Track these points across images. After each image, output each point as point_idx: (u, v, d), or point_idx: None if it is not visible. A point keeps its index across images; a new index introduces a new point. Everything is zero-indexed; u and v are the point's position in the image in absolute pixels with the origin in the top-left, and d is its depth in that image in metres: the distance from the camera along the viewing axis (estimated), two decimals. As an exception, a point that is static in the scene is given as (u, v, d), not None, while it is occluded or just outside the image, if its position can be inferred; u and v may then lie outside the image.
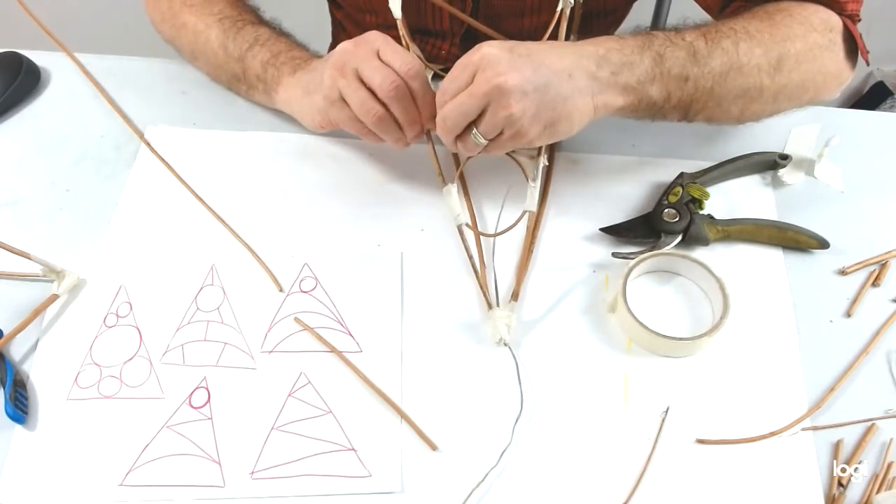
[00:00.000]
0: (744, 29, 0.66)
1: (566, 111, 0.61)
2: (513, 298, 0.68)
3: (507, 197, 0.74)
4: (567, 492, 0.59)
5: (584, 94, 0.61)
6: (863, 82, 1.81)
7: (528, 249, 0.71)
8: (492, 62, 0.59)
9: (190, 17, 0.78)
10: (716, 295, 0.66)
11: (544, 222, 0.74)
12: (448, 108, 0.61)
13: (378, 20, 0.86)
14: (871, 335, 0.67)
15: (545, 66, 0.60)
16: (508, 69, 0.58)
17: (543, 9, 0.80)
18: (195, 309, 0.67)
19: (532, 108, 0.59)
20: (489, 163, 0.72)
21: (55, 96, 0.82)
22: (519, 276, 0.69)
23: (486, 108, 0.60)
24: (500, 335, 0.64)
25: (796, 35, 0.67)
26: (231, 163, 0.77)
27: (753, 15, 0.69)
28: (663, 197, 0.72)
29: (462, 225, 0.69)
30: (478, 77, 0.59)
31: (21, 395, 0.61)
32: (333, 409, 0.62)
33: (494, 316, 0.65)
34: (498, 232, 0.70)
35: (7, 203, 0.73)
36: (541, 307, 0.68)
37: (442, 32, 0.83)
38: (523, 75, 0.58)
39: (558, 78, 0.60)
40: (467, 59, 0.60)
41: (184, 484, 0.59)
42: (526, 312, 0.68)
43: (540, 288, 0.69)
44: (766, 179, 0.77)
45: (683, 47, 0.64)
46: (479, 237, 0.71)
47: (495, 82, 0.58)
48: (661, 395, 0.64)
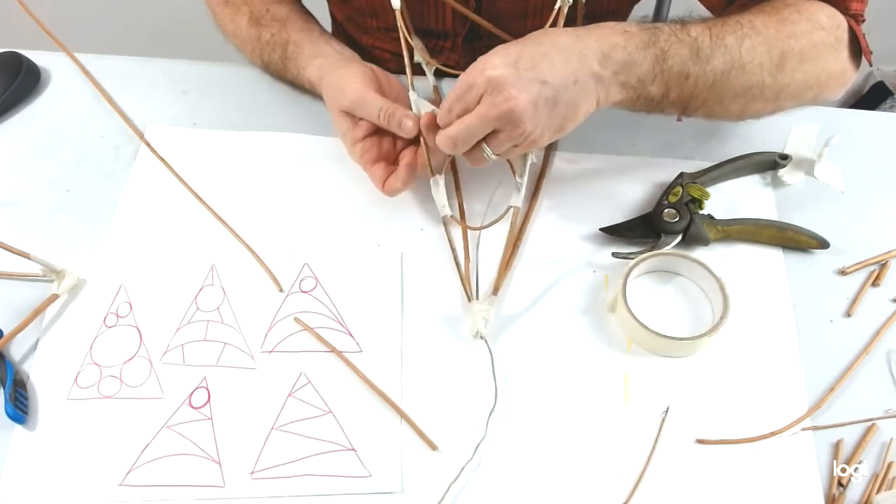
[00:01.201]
0: (750, 23, 0.66)
1: (573, 114, 0.62)
2: (493, 293, 0.68)
3: (497, 192, 0.75)
4: (567, 491, 0.59)
5: (589, 94, 0.62)
6: (863, 82, 1.81)
7: (514, 245, 0.71)
8: (498, 85, 0.58)
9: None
10: (716, 295, 0.66)
11: (541, 220, 0.74)
12: (457, 129, 0.61)
13: (379, 23, 0.86)
14: (871, 335, 0.67)
15: (551, 77, 0.60)
16: (517, 92, 0.58)
17: (545, 11, 0.80)
18: (195, 309, 0.67)
19: (543, 120, 0.60)
20: None
21: (55, 96, 0.82)
22: (501, 271, 0.69)
23: (496, 129, 0.61)
24: (476, 328, 0.65)
25: (802, 32, 0.67)
26: (231, 163, 0.77)
27: (762, 9, 0.69)
28: (663, 197, 0.73)
29: (447, 216, 0.70)
30: (486, 99, 0.59)
31: (21, 395, 0.61)
32: (333, 409, 0.62)
33: (473, 309, 0.66)
34: (482, 225, 0.70)
35: (7, 203, 0.74)
36: (524, 303, 0.68)
37: (444, 33, 0.83)
38: (531, 95, 0.59)
39: (565, 87, 0.60)
40: (472, 78, 0.60)
41: (184, 484, 0.59)
42: (507, 307, 0.68)
43: (526, 284, 0.69)
44: (766, 179, 0.77)
45: (687, 44, 0.64)
46: (466, 230, 0.71)
47: (505, 107, 0.58)
48: (661, 395, 0.64)
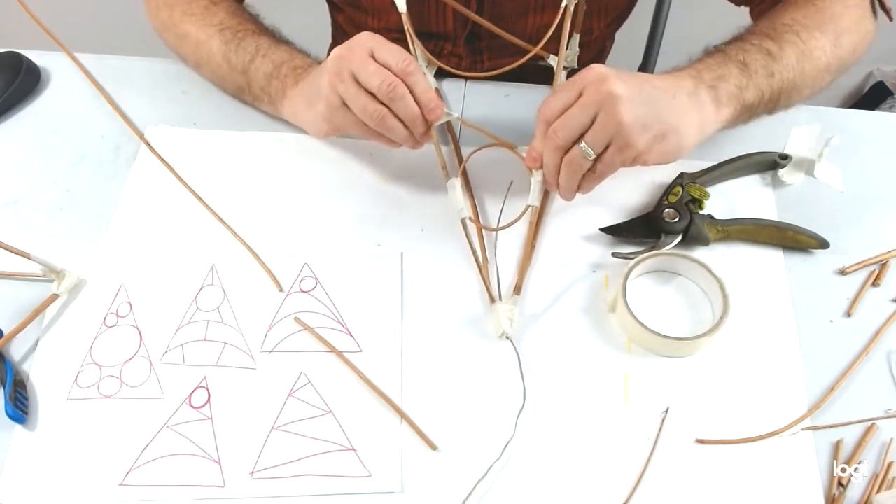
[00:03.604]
0: (795, 20, 0.71)
1: (674, 124, 0.63)
2: (515, 292, 0.68)
3: (510, 191, 0.75)
4: (567, 491, 0.59)
5: (689, 110, 0.64)
6: (863, 82, 1.81)
7: (531, 244, 0.71)
8: (600, 76, 0.61)
9: (191, 27, 0.78)
10: (716, 295, 0.66)
11: (547, 219, 0.74)
12: (559, 121, 0.62)
13: (380, 23, 0.86)
14: (871, 335, 0.67)
15: (649, 84, 0.62)
16: (617, 81, 0.60)
17: (547, 7, 0.80)
18: (195, 309, 0.67)
19: (641, 116, 0.61)
20: (492, 157, 0.72)
21: (55, 96, 0.82)
22: (521, 271, 0.69)
23: (595, 119, 0.61)
24: (502, 329, 0.64)
25: (839, 13, 0.73)
26: (231, 163, 0.77)
27: (796, 7, 0.73)
28: (663, 197, 0.73)
29: (465, 219, 0.69)
30: (588, 89, 0.61)
31: (21, 395, 0.61)
32: (333, 409, 0.62)
33: (497, 309, 0.65)
34: (501, 226, 0.70)
35: (7, 203, 0.74)
36: (543, 302, 0.68)
37: (445, 34, 0.83)
38: (631, 87, 0.61)
39: (663, 95, 0.63)
40: (573, 78, 0.63)
41: (184, 484, 0.59)
42: (528, 307, 0.68)
43: (542, 283, 0.70)
44: (766, 179, 0.77)
45: (757, 50, 0.69)
46: (482, 231, 0.71)
47: (605, 90, 0.60)
48: (661, 395, 0.64)
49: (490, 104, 0.82)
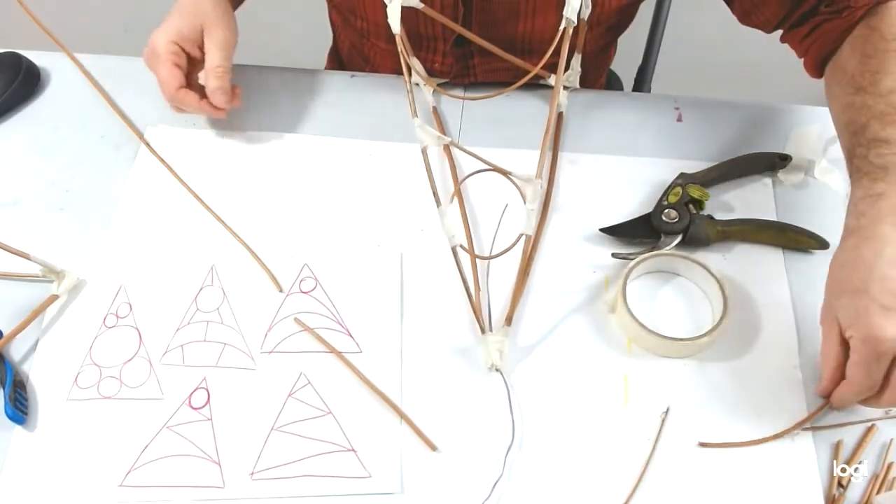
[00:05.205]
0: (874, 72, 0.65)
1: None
2: (506, 323, 0.66)
3: (504, 216, 0.73)
4: (567, 492, 0.59)
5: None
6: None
7: (524, 273, 0.69)
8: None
9: None
10: (716, 295, 0.66)
11: (546, 218, 0.73)
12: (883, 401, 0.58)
13: (367, 25, 0.86)
14: (871, 336, 0.67)
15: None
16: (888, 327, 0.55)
17: (538, 13, 0.79)
18: (195, 309, 0.67)
19: None
20: (485, 181, 0.70)
21: (55, 96, 0.82)
22: (513, 301, 0.67)
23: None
24: (491, 361, 0.63)
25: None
26: (231, 163, 0.77)
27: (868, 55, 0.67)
28: (663, 197, 0.72)
29: (456, 247, 0.69)
30: None
31: (21, 396, 0.61)
32: (333, 410, 0.62)
33: (487, 341, 0.64)
34: (493, 255, 0.69)
35: (7, 203, 0.74)
36: (543, 302, 0.68)
37: (434, 36, 0.83)
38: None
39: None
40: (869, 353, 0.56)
41: (183, 485, 0.59)
42: (528, 307, 0.68)
43: (542, 283, 0.69)
44: (766, 180, 0.77)
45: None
46: (475, 260, 0.69)
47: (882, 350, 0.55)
48: (661, 396, 0.64)
49: (486, 106, 0.81)
